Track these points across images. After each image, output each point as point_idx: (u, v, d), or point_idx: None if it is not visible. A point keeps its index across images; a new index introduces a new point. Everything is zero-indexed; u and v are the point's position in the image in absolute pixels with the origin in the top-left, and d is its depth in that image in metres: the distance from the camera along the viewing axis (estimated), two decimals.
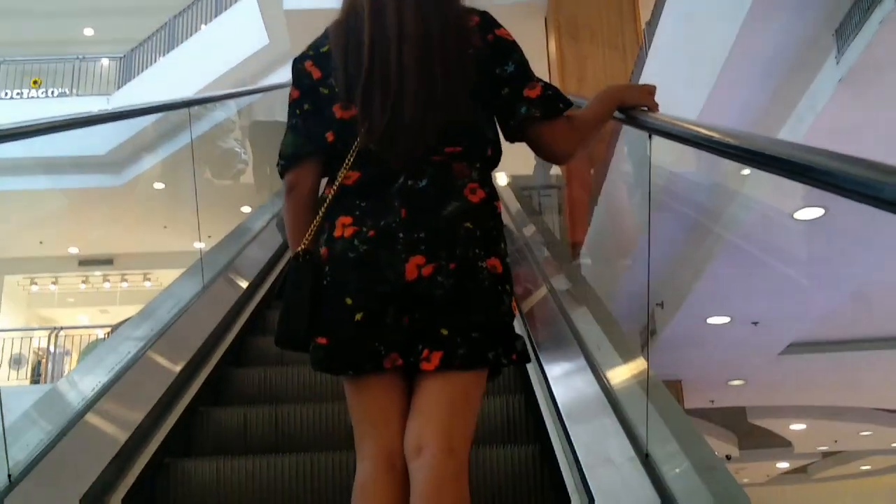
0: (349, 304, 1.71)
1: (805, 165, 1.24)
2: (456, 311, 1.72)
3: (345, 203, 1.78)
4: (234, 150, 8.26)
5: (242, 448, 3.17)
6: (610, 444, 2.32)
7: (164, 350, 3.39)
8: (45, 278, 17.72)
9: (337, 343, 1.73)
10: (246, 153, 8.30)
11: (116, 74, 15.48)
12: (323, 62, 1.86)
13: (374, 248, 1.72)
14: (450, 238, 1.73)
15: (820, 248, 5.42)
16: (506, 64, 1.83)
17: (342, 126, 1.80)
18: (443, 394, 1.71)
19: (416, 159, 1.76)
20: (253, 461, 2.88)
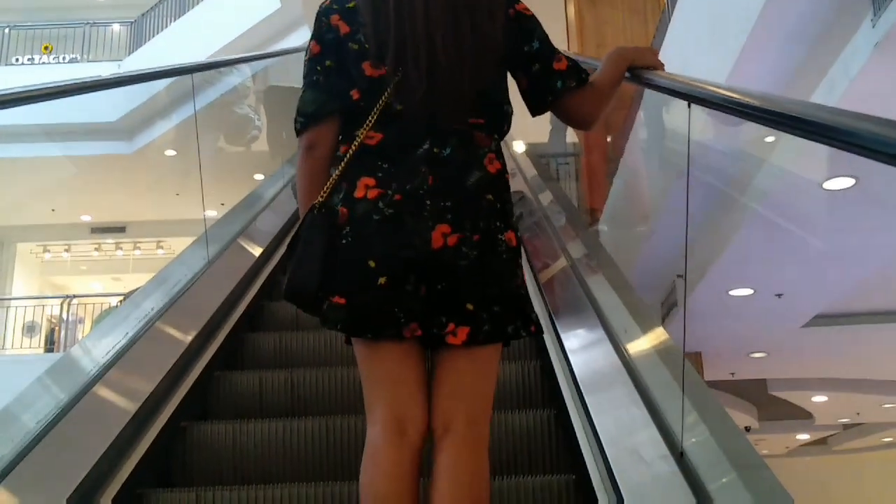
0: (372, 266, 1.69)
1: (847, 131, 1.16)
2: (479, 284, 1.72)
3: (366, 163, 1.76)
4: (248, 115, 8.15)
5: (258, 412, 3.18)
6: (630, 413, 2.28)
7: (178, 316, 3.38)
8: (57, 246, 17.69)
9: (357, 304, 1.71)
10: (260, 119, 8.20)
11: (128, 40, 15.29)
12: (350, 17, 1.82)
13: (400, 212, 1.70)
14: (474, 209, 1.74)
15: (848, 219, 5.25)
16: (532, 40, 1.89)
17: (371, 84, 1.78)
18: (468, 369, 1.74)
19: (442, 126, 1.76)
20: (269, 424, 2.89)
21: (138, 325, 3.13)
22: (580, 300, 3.18)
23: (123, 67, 14.34)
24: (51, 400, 2.48)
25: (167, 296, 3.49)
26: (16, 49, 16.02)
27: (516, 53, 1.89)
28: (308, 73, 1.85)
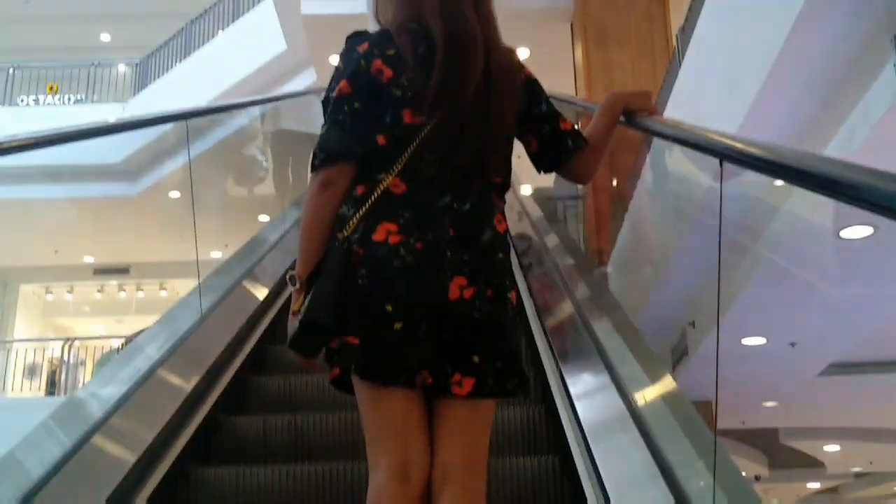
0: (389, 310, 1.71)
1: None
2: (488, 338, 1.76)
3: (388, 209, 1.77)
4: (256, 157, 8.24)
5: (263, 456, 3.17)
6: (636, 462, 2.28)
7: (183, 359, 3.37)
8: (60, 287, 17.57)
9: (372, 346, 1.72)
10: (267, 161, 8.25)
11: (133, 80, 15.28)
12: (394, 63, 1.85)
13: (420, 260, 1.73)
14: (489, 265, 1.79)
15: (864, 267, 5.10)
16: (540, 103, 1.99)
17: (407, 130, 1.80)
18: (469, 420, 1.77)
19: (462, 181, 1.81)
20: (273, 469, 2.88)
21: (141, 370, 3.10)
22: (587, 346, 3.15)
23: (128, 108, 14.32)
24: (53, 447, 2.46)
25: (171, 339, 3.45)
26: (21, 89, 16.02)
27: (528, 116, 1.98)
28: (334, 110, 1.84)
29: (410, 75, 1.83)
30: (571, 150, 2.00)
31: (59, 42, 17.70)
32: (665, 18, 9.66)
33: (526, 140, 2.03)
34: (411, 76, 1.83)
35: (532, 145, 2.03)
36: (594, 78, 9.45)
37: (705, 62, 5.45)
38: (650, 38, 9.59)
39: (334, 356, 1.76)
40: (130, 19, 17.38)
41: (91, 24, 17.67)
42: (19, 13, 17.28)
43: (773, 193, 4.50)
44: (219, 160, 7.26)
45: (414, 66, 1.84)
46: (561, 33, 10.43)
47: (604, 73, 9.45)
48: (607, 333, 3.07)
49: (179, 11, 14.68)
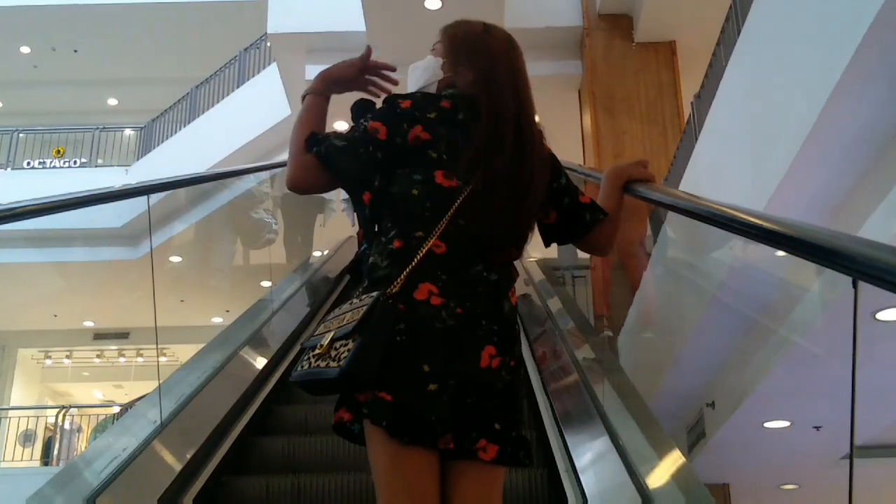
0: (426, 370, 1.71)
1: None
2: (506, 408, 1.81)
3: (428, 270, 1.78)
4: (265, 220, 8.02)
5: None
6: None
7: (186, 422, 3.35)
8: (59, 352, 17.29)
9: (405, 404, 1.70)
10: (276, 223, 8.09)
11: (136, 145, 15.16)
12: (432, 127, 1.88)
13: (460, 326, 1.75)
14: (511, 335, 1.84)
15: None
16: (560, 177, 2.05)
17: (440, 191, 1.83)
18: (491, 485, 1.81)
19: (496, 250, 1.87)
20: None
21: (144, 432, 3.04)
22: (593, 419, 3.11)
23: (131, 173, 14.19)
24: None
25: (174, 402, 3.41)
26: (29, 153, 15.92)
27: (550, 189, 2.01)
28: (359, 140, 1.87)
29: (447, 141, 1.88)
30: (590, 224, 2.05)
31: (66, 106, 17.67)
32: (675, 85, 9.53)
33: (545, 212, 2.04)
34: (448, 142, 1.88)
35: (551, 217, 2.06)
36: (603, 145, 9.28)
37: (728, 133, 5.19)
38: (660, 105, 9.46)
39: (362, 408, 1.73)
40: (138, 84, 17.34)
41: (99, 88, 17.65)
42: (28, 77, 17.26)
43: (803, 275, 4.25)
44: (225, 223, 7.37)
45: (451, 133, 1.89)
46: (569, 100, 10.33)
47: (613, 140, 9.29)
48: (619, 417, 2.98)
49: (188, 77, 14.59)
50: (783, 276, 4.45)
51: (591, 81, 9.59)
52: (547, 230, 2.09)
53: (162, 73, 16.76)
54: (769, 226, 1.50)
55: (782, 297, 4.54)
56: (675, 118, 9.24)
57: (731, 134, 5.08)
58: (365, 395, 1.72)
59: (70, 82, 17.21)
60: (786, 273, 4.38)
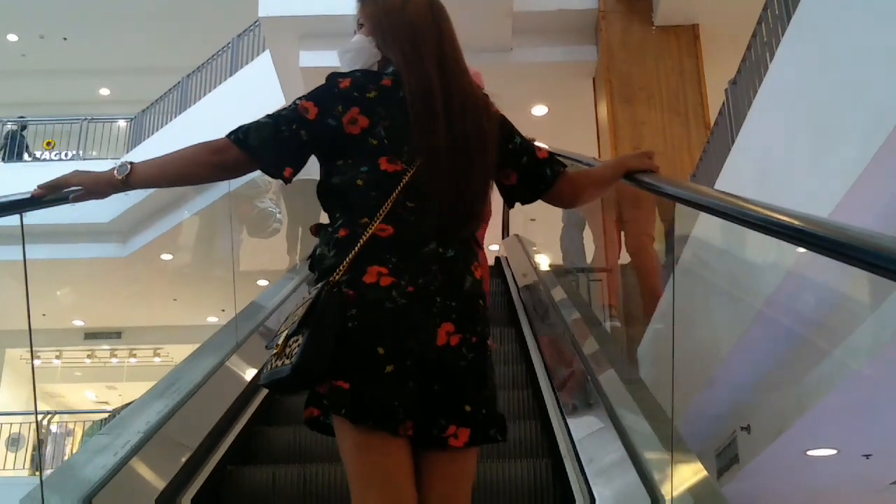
0: (381, 353, 1.70)
1: None
2: (473, 386, 1.79)
3: (375, 253, 1.76)
4: (269, 209, 8.11)
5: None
6: None
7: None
8: (48, 352, 16.70)
9: (363, 390, 1.69)
10: (281, 213, 8.11)
11: (127, 136, 14.52)
12: (371, 109, 1.86)
13: (412, 303, 1.74)
14: (472, 312, 1.82)
15: None
16: (513, 136, 2.04)
17: (385, 176, 1.81)
18: (463, 469, 1.81)
19: (448, 229, 1.84)
20: None
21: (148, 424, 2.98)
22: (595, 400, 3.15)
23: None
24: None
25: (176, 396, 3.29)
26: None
27: (504, 152, 2.01)
28: (286, 117, 1.84)
29: (387, 124, 1.85)
30: (550, 179, 2.04)
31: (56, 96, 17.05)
32: (699, 72, 8.85)
33: (505, 173, 2.04)
34: (388, 125, 1.85)
35: (511, 178, 2.05)
36: (620, 137, 8.62)
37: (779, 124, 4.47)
38: (682, 93, 8.79)
39: (322, 400, 1.72)
40: (131, 73, 16.72)
41: (89, 77, 17.03)
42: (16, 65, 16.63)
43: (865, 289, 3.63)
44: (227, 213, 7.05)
45: (391, 114, 1.86)
46: (583, 88, 9.75)
47: (631, 131, 8.63)
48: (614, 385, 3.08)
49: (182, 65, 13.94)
50: (845, 291, 3.81)
51: (607, 68, 8.93)
52: (509, 191, 2.08)
53: (155, 62, 16.14)
54: (788, 221, 1.42)
55: (842, 316, 3.91)
56: (699, 108, 8.58)
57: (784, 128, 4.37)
58: (323, 387, 1.70)
59: (59, 71, 16.61)
60: (849, 289, 3.74)
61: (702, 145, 8.23)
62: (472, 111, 1.92)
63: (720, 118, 6.25)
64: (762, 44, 5.21)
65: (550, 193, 2.07)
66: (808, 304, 4.18)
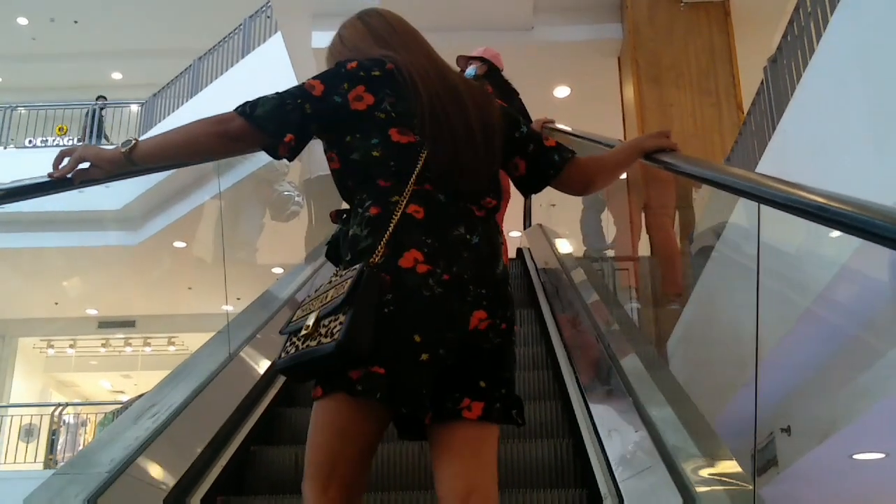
0: (417, 341, 1.70)
1: None
2: (492, 366, 1.81)
3: (411, 235, 1.77)
4: (287, 193, 8.08)
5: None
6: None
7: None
8: (62, 341, 16.49)
9: (397, 377, 1.68)
10: (300, 196, 8.08)
11: (138, 121, 14.22)
12: (375, 86, 1.88)
13: (448, 292, 1.75)
14: (502, 299, 1.84)
15: None
16: (519, 126, 2.06)
17: (399, 149, 1.83)
18: (482, 442, 1.80)
19: (467, 208, 1.86)
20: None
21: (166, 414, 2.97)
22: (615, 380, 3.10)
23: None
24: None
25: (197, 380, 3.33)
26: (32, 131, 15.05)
27: (511, 140, 2.03)
28: (289, 94, 1.84)
29: (393, 101, 1.87)
30: (559, 165, 2.04)
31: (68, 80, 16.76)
32: (730, 51, 8.45)
33: (513, 164, 2.06)
34: (394, 101, 1.87)
35: (520, 168, 2.06)
36: (648, 119, 8.24)
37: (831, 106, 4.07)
38: (712, 73, 8.40)
39: (356, 385, 1.66)
40: (143, 56, 16.40)
41: (101, 61, 16.71)
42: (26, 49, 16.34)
43: None
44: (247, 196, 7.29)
45: (396, 92, 1.88)
46: (608, 69, 9.36)
47: (659, 113, 8.24)
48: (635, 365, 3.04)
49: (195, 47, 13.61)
50: None
51: (633, 47, 8.55)
52: (520, 182, 2.10)
53: (167, 44, 15.82)
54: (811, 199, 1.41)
55: None
56: (731, 88, 8.19)
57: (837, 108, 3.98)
58: (357, 373, 1.67)
59: (71, 55, 16.31)
60: None
61: (734, 128, 7.87)
62: (476, 97, 1.98)
63: (758, 99, 5.85)
64: (806, 17, 4.81)
65: (560, 179, 2.06)
66: (863, 301, 3.84)
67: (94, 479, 2.40)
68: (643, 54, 8.48)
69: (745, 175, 1.98)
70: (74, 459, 2.57)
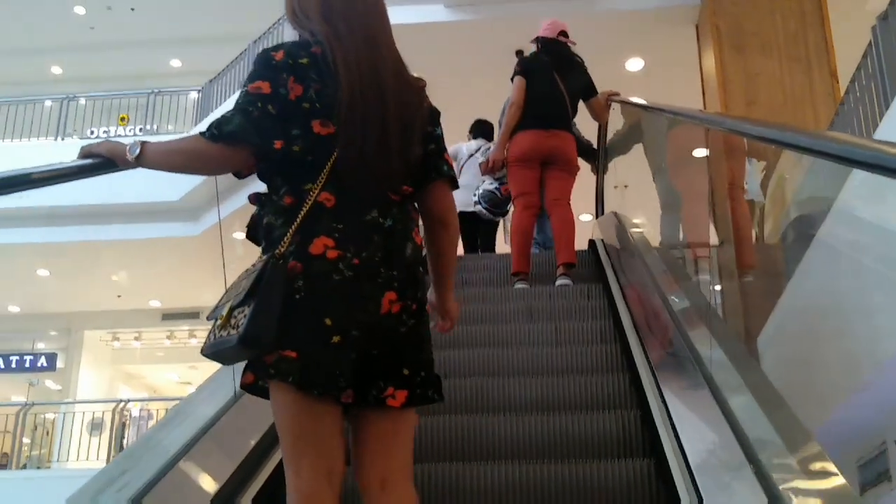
0: (328, 324, 1.76)
1: None
2: (411, 350, 1.89)
3: (322, 223, 1.82)
4: None
5: None
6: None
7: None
8: (127, 333, 16.40)
9: (311, 360, 1.76)
10: None
11: (194, 109, 13.90)
12: (302, 74, 1.89)
13: (358, 275, 1.80)
14: (413, 280, 1.90)
15: None
16: (437, 126, 2.09)
17: (319, 140, 1.87)
18: (401, 429, 1.91)
19: (382, 193, 1.90)
20: None
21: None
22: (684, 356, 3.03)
23: None
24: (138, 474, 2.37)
25: None
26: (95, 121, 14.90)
27: (426, 134, 2.03)
28: (246, 102, 1.85)
29: (318, 88, 1.88)
30: (440, 176, 2.03)
31: (127, 69, 16.53)
32: (821, 12, 7.83)
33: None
34: (319, 89, 1.88)
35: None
36: (731, 91, 7.62)
37: None
38: (802, 38, 7.78)
39: (269, 369, 1.77)
40: (202, 43, 16.06)
41: (160, 48, 16.44)
42: (85, 39, 16.15)
43: None
44: None
45: (322, 79, 1.89)
46: (684, 37, 8.72)
47: (744, 84, 7.66)
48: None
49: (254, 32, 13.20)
50: None
51: (713, 13, 7.95)
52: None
53: (227, 30, 15.42)
54: None
55: None
56: (823, 54, 7.55)
57: None
58: (270, 357, 1.75)
59: (129, 43, 16.02)
60: None
61: (827, 97, 7.22)
62: (404, 93, 1.98)
63: (864, 63, 5.17)
64: None
65: (429, 194, 2.04)
66: None
67: (138, 478, 2.37)
68: (724, 19, 7.94)
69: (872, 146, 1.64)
70: (118, 459, 2.55)
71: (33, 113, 14.15)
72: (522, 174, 5.48)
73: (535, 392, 3.56)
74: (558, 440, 3.11)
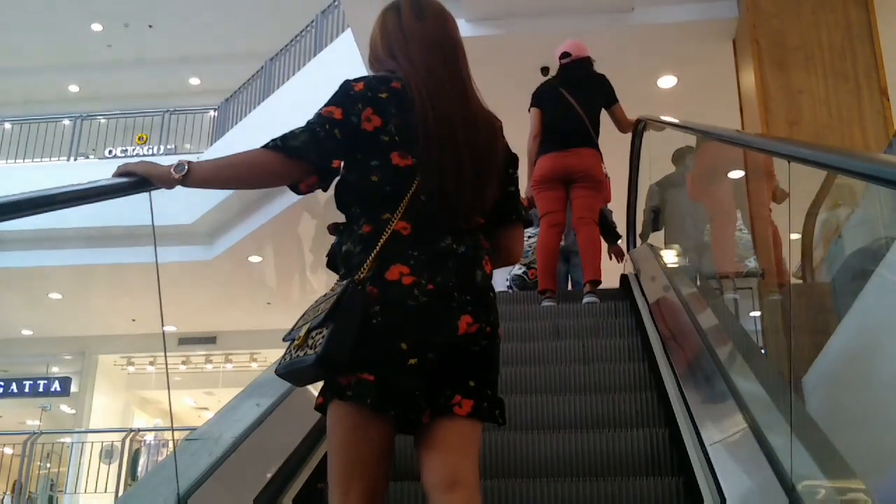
0: (404, 348, 1.81)
1: None
2: (480, 368, 1.93)
3: (398, 250, 1.87)
4: None
5: None
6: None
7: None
8: (141, 358, 16.04)
9: (388, 383, 1.80)
10: None
11: (210, 128, 13.57)
12: (382, 108, 1.96)
13: (433, 301, 1.84)
14: (486, 304, 1.95)
15: None
16: (515, 167, 2.18)
17: (398, 171, 1.92)
18: (469, 437, 1.91)
19: (456, 223, 1.96)
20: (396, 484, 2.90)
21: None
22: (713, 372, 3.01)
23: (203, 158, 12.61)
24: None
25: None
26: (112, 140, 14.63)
27: (504, 172, 2.13)
28: (316, 122, 1.92)
29: (398, 122, 1.95)
30: (513, 221, 2.15)
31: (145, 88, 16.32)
32: (870, 27, 7.20)
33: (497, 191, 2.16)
34: (399, 123, 1.95)
35: (496, 194, 2.13)
36: (773, 109, 7.04)
37: None
38: (850, 54, 7.16)
39: (346, 391, 1.81)
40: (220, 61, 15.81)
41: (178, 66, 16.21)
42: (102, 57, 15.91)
43: None
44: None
45: (401, 113, 1.95)
46: (721, 52, 8.19)
47: (786, 102, 7.04)
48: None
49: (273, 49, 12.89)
50: None
51: (752, 26, 7.36)
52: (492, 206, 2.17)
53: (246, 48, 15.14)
54: None
55: None
56: (872, 71, 6.94)
57: None
58: (347, 379, 1.80)
59: (147, 61, 15.83)
60: None
61: (877, 116, 6.69)
62: (485, 124, 2.06)
63: None
64: None
65: (502, 235, 2.14)
66: None
67: (185, 478, 2.41)
68: (765, 34, 7.30)
69: None
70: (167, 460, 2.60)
71: (53, 132, 13.94)
72: (545, 195, 5.61)
73: (564, 409, 3.60)
74: (587, 457, 3.15)
